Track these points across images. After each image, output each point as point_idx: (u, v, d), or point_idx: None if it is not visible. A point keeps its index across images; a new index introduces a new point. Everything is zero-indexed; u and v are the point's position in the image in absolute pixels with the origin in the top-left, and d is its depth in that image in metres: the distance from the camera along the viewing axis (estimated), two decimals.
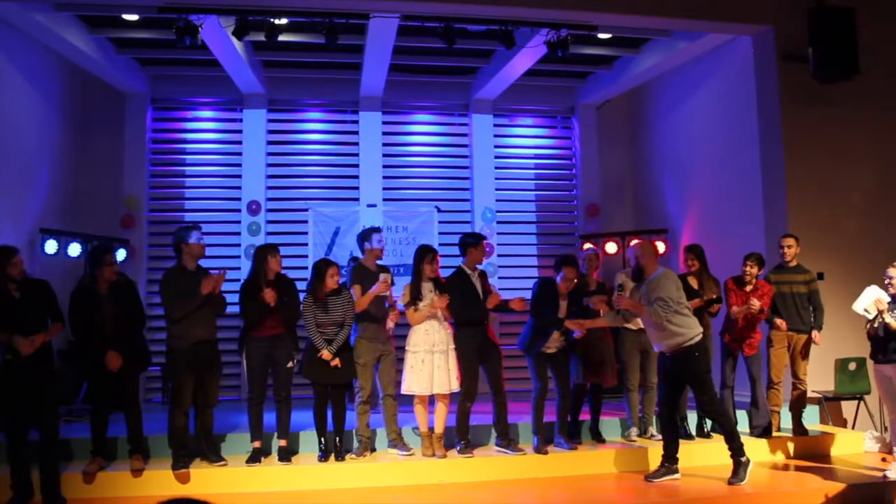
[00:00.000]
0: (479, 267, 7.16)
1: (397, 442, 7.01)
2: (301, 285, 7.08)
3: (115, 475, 6.26)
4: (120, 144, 10.44)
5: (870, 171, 8.67)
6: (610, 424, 7.62)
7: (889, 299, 6.45)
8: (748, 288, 7.26)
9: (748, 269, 7.27)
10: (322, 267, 6.77)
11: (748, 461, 6.32)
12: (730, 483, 6.27)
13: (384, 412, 7.01)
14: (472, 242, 7.05)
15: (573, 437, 7.24)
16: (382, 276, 6.82)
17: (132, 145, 10.48)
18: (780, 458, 7.30)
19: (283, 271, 6.90)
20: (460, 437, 6.91)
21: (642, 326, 7.31)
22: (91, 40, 9.04)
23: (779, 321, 7.32)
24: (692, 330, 6.30)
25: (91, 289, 6.29)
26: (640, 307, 6.39)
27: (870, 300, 6.51)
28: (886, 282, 6.47)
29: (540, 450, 6.87)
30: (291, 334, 6.81)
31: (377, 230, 7.23)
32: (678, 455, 6.57)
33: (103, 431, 6.38)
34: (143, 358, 6.56)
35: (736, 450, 6.34)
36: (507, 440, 7.00)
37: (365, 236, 7.13)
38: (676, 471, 6.54)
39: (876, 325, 6.47)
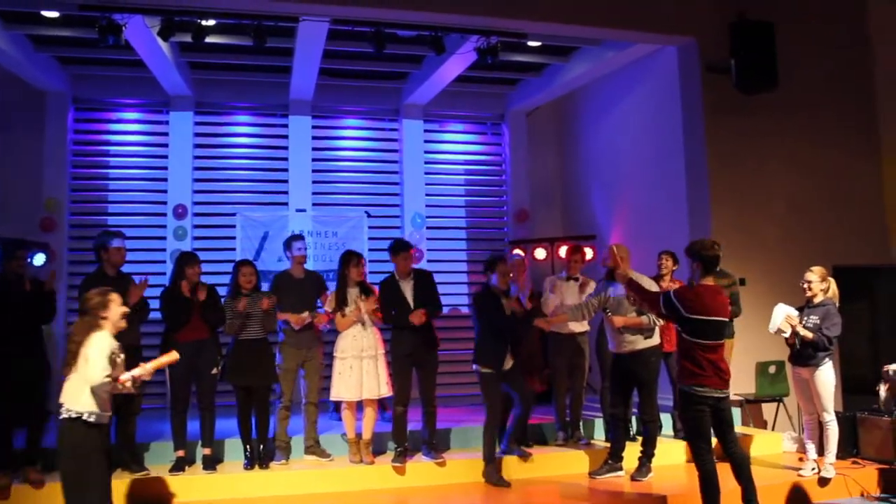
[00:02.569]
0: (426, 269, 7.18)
1: (314, 450, 6.94)
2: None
3: (21, 488, 6.02)
4: (39, 145, 10.07)
5: (789, 179, 8.95)
6: (537, 429, 7.68)
7: (797, 313, 6.68)
8: (664, 282, 7.41)
9: (663, 262, 7.50)
10: (236, 267, 6.90)
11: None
12: (634, 479, 6.66)
13: (305, 418, 6.95)
14: (393, 250, 7.01)
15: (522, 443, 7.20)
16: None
17: (52, 146, 10.14)
18: None
19: (203, 278, 6.83)
20: (396, 444, 6.83)
21: (573, 331, 7.44)
22: (8, 36, 8.71)
23: None
24: (654, 334, 6.63)
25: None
26: (637, 321, 6.49)
27: (781, 318, 6.71)
28: (804, 286, 6.69)
29: (495, 480, 6.67)
30: (215, 340, 6.72)
31: (298, 238, 7.23)
32: (623, 454, 6.83)
33: (9, 443, 6.17)
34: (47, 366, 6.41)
35: (649, 455, 6.75)
36: (435, 450, 6.97)
37: (287, 245, 7.15)
38: (621, 468, 6.81)
39: (793, 338, 6.66)
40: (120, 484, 6.13)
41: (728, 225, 8.55)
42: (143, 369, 4.79)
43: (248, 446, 6.67)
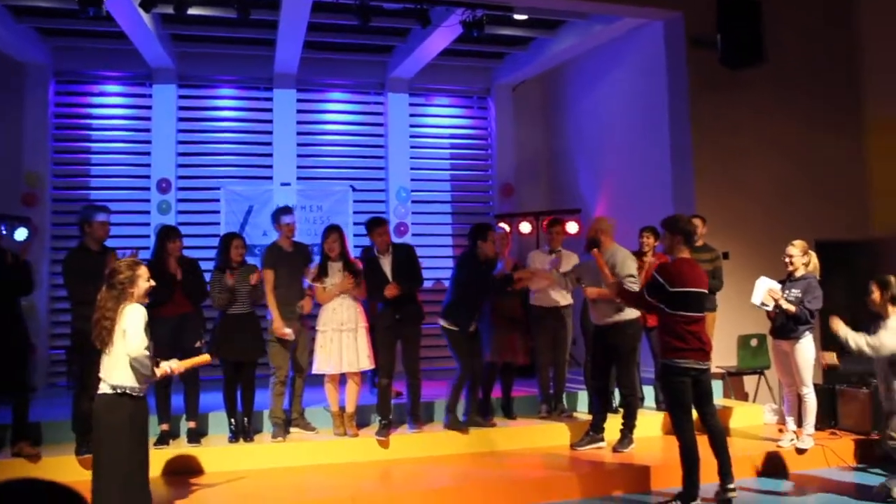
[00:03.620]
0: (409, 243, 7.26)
1: (299, 422, 6.99)
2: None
3: (7, 463, 6.03)
4: (19, 118, 9.97)
5: (773, 155, 8.98)
6: (521, 402, 7.75)
7: (779, 286, 6.74)
8: (646, 258, 7.48)
9: (644, 240, 7.56)
10: (226, 240, 6.81)
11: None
12: (615, 450, 6.76)
13: (291, 391, 6.97)
14: (368, 226, 7.11)
15: (486, 415, 7.34)
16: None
17: (32, 120, 10.03)
18: None
19: (187, 253, 6.81)
20: (381, 417, 6.90)
21: (556, 304, 7.49)
22: None
23: None
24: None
25: None
26: (610, 293, 6.47)
27: (763, 292, 6.78)
28: (786, 260, 6.75)
29: (453, 425, 6.92)
30: (198, 313, 6.71)
31: (287, 210, 7.16)
32: (605, 426, 6.92)
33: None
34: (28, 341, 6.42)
35: (630, 426, 6.84)
36: (419, 422, 7.07)
37: (276, 217, 7.07)
38: (602, 439, 6.92)
39: (776, 311, 6.73)
40: None
41: (711, 199, 8.58)
42: (179, 364, 4.78)
43: (232, 420, 6.68)
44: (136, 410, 4.47)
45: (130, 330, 4.42)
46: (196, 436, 6.61)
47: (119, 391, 4.40)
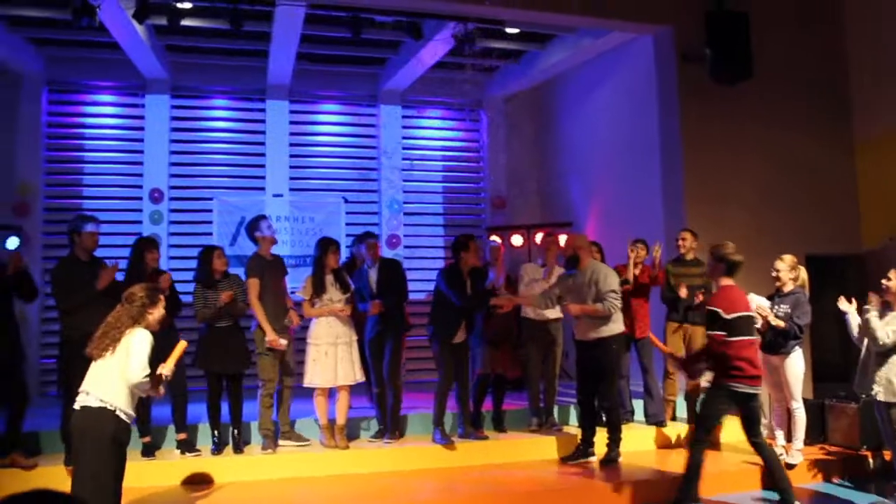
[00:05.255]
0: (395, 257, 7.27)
1: (291, 435, 6.97)
2: None
3: (6, 473, 6.00)
4: (12, 128, 9.98)
5: (763, 169, 9.01)
6: (512, 415, 7.75)
7: (768, 303, 6.77)
8: (637, 270, 7.59)
9: (637, 251, 7.65)
10: (208, 253, 6.77)
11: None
12: (603, 464, 6.76)
13: (280, 402, 6.96)
14: (358, 239, 7.27)
15: (477, 427, 7.33)
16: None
17: (25, 129, 10.04)
18: (674, 444, 7.56)
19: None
20: (380, 424, 7.10)
21: (547, 318, 7.49)
22: None
23: (683, 291, 7.56)
24: (618, 323, 6.72)
25: None
26: (592, 309, 6.55)
27: (752, 310, 6.80)
28: (774, 274, 6.77)
29: (444, 440, 6.93)
30: (173, 325, 6.69)
31: (263, 217, 7.10)
32: (594, 440, 6.92)
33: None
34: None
35: (615, 440, 6.83)
36: (396, 432, 7.12)
37: (253, 226, 6.95)
38: (592, 454, 6.90)
39: (766, 327, 6.75)
40: None
41: (701, 213, 8.60)
42: (167, 368, 4.73)
43: (215, 431, 6.66)
44: (120, 430, 4.40)
45: (137, 356, 4.37)
46: (189, 446, 6.59)
47: (110, 407, 4.34)
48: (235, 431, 6.69)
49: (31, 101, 10.12)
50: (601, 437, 6.94)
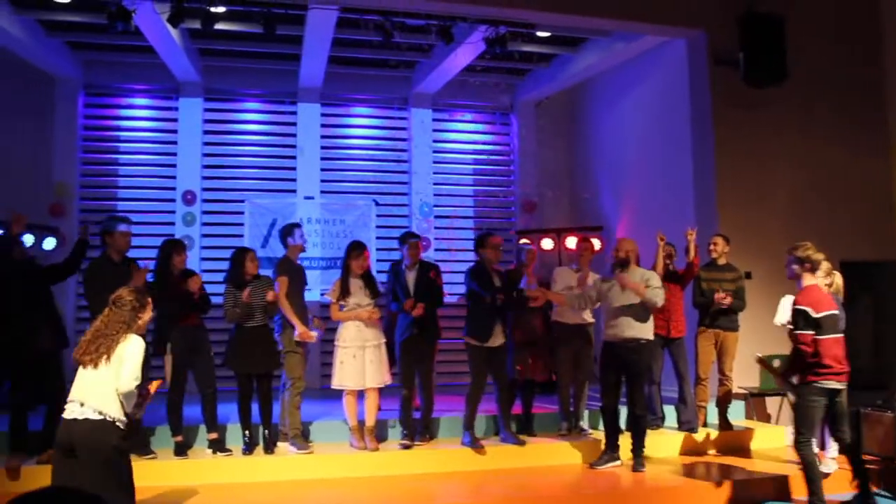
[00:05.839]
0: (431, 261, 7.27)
1: (297, 438, 6.89)
2: None
3: (35, 470, 6.03)
4: (49, 130, 10.16)
5: (796, 173, 8.91)
6: (541, 419, 7.72)
7: None
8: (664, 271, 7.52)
9: (661, 241, 7.59)
10: (240, 254, 6.81)
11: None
12: (635, 470, 6.68)
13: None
14: (401, 239, 7.23)
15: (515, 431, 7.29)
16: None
17: (62, 131, 10.22)
18: (706, 451, 7.50)
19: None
20: (403, 428, 7.01)
21: (579, 322, 7.46)
22: (19, 21, 8.75)
23: (718, 296, 7.49)
24: (651, 327, 6.78)
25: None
26: (643, 289, 6.59)
27: (787, 311, 6.73)
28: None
29: (474, 443, 6.91)
30: (203, 325, 6.80)
31: (298, 226, 7.24)
32: (619, 444, 6.88)
33: (25, 425, 6.22)
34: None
35: (642, 447, 6.78)
36: (428, 436, 7.12)
37: (287, 232, 7.12)
38: (618, 458, 6.85)
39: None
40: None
41: (734, 218, 8.53)
42: (152, 388, 4.72)
43: (247, 431, 6.70)
44: (121, 439, 4.34)
45: (131, 364, 4.31)
46: (220, 445, 6.65)
47: (110, 419, 4.26)
48: (266, 431, 6.74)
49: (67, 104, 10.29)
50: (625, 442, 6.88)
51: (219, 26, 8.52)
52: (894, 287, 8.42)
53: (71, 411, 4.29)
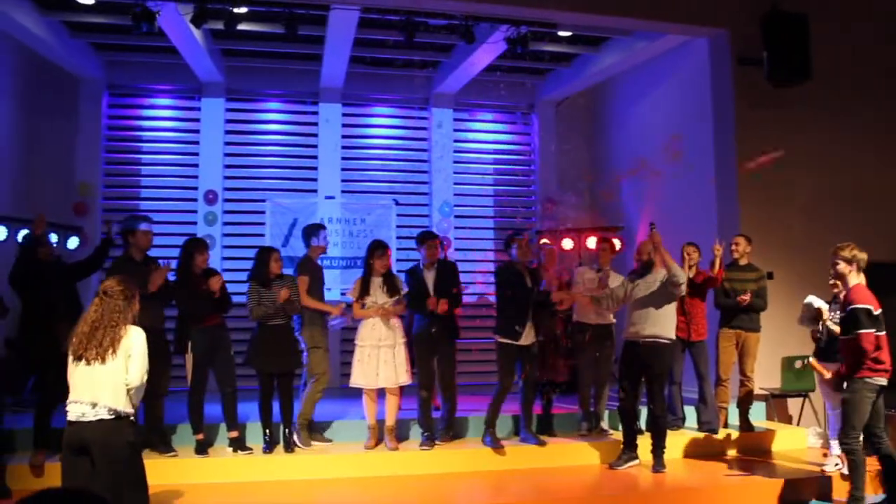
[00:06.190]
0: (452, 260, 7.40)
1: (302, 429, 6.98)
2: None
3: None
4: (73, 130, 10.27)
5: (818, 174, 8.83)
6: (561, 419, 7.71)
7: (827, 307, 6.64)
8: (690, 273, 7.47)
9: (688, 254, 7.56)
10: (265, 253, 6.86)
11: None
12: (655, 471, 6.64)
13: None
14: (418, 239, 7.24)
15: (536, 432, 7.29)
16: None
17: (86, 131, 10.33)
18: (727, 452, 7.47)
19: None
20: (423, 429, 7.00)
21: (601, 322, 7.45)
22: (43, 22, 8.86)
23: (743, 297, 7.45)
24: (672, 327, 6.77)
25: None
26: (672, 261, 6.59)
27: (816, 305, 6.71)
28: (831, 281, 6.61)
29: (494, 443, 6.91)
30: (224, 324, 6.86)
31: (322, 227, 7.34)
32: (636, 444, 6.86)
33: (49, 422, 6.28)
34: None
35: (662, 447, 6.75)
36: (450, 437, 7.10)
37: (311, 232, 7.22)
38: (637, 458, 6.84)
39: (820, 329, 6.63)
40: (149, 465, 6.26)
41: (756, 219, 8.47)
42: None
43: (267, 430, 6.74)
44: (138, 436, 4.36)
45: (139, 358, 4.28)
46: (240, 444, 6.69)
47: (124, 415, 4.23)
48: (287, 430, 6.77)
49: (91, 104, 10.39)
50: (644, 442, 6.86)
51: (241, 27, 8.58)
52: None
53: (81, 412, 4.21)
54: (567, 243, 10.49)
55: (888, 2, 9.19)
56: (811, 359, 6.57)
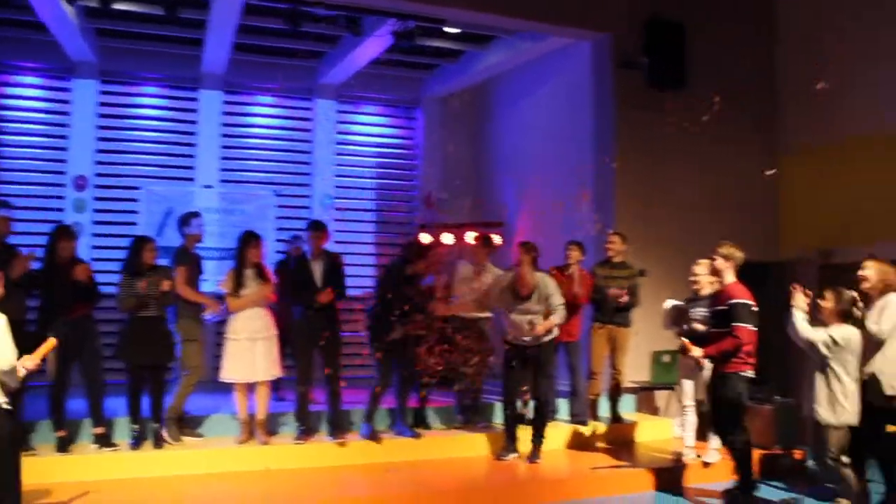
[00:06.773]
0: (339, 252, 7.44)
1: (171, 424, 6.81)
2: None
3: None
4: None
5: (695, 176, 9.19)
6: (437, 412, 7.81)
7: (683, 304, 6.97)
8: (571, 271, 7.68)
9: (571, 252, 7.74)
10: (140, 242, 6.63)
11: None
12: (530, 461, 6.87)
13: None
14: (308, 229, 7.14)
15: (412, 424, 7.35)
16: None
17: None
18: (596, 443, 7.72)
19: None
20: (299, 423, 6.93)
21: (478, 316, 7.57)
22: None
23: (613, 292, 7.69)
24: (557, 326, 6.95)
25: None
26: (553, 324, 6.83)
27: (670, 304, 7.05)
28: (691, 279, 6.94)
29: (372, 435, 6.91)
30: (91, 315, 6.58)
31: (196, 215, 7.15)
32: (518, 436, 7.06)
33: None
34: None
35: (541, 438, 7.00)
36: (340, 430, 7.00)
37: (184, 221, 7.06)
38: (516, 450, 7.02)
39: (685, 329, 6.91)
40: None
41: (631, 218, 8.74)
42: (33, 360, 4.47)
43: (136, 425, 6.52)
44: (13, 425, 4.18)
45: (3, 341, 4.12)
46: (105, 440, 6.43)
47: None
48: (156, 426, 6.56)
49: None
50: (524, 434, 7.02)
51: (117, 6, 8.23)
52: (776, 288, 8.78)
53: None
54: (447, 238, 10.56)
55: (759, 12, 9.69)
56: (684, 340, 6.83)
